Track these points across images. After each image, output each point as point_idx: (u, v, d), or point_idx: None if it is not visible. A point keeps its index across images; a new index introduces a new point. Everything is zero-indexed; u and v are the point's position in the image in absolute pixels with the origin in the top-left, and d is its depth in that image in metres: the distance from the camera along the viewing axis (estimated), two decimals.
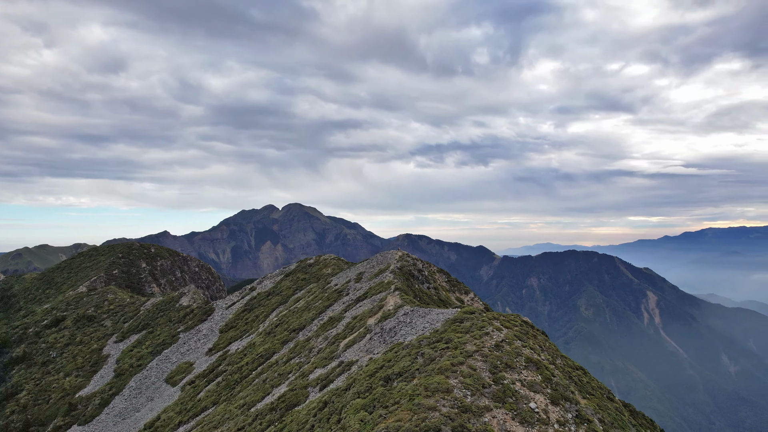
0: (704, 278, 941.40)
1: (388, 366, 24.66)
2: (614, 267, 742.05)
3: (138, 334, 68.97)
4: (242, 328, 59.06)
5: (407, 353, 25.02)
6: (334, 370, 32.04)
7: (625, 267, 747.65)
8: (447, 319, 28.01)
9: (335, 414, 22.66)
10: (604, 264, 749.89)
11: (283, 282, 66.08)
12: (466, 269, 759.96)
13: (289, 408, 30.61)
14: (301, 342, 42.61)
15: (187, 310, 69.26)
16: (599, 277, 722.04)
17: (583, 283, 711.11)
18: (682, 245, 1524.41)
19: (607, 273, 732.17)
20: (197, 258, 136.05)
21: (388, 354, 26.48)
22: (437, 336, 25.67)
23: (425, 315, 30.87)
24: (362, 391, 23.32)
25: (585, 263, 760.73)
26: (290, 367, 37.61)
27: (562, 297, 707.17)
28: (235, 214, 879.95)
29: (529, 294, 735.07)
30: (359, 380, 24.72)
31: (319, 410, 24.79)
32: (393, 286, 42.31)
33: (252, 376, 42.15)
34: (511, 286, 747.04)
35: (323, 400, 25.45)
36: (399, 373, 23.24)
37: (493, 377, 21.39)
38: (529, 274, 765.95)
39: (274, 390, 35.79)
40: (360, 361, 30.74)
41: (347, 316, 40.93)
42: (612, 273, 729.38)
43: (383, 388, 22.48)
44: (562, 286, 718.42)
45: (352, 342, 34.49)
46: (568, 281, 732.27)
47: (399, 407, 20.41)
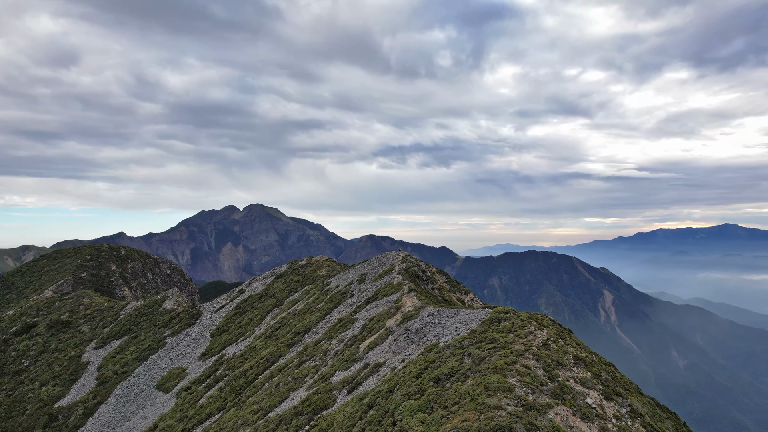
0: (655, 277, 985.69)
1: (434, 367, 24.73)
2: (572, 267, 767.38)
3: (120, 340, 66.19)
4: (236, 331, 57.66)
5: (451, 354, 25.17)
6: (360, 373, 31.83)
7: (583, 267, 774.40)
8: (482, 319, 28.34)
9: (387, 416, 22.53)
10: (562, 264, 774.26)
11: (276, 284, 64.92)
12: None
13: (316, 412, 30.19)
14: (310, 345, 42.04)
15: (173, 314, 67.00)
16: (558, 276, 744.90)
17: (542, 283, 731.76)
18: (635, 245, 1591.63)
19: (565, 273, 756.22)
20: (168, 260, 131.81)
21: (428, 355, 26.54)
22: (479, 336, 25.94)
23: (454, 315, 31.11)
24: (412, 392, 23.30)
25: (544, 263, 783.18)
26: (305, 370, 37.05)
27: (523, 296, 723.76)
28: (195, 214, 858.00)
29: (491, 294, 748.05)
30: (404, 382, 24.67)
31: (363, 413, 24.56)
32: (406, 287, 42.39)
33: (260, 380, 41.25)
34: (473, 286, 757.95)
35: (365, 403, 25.24)
36: (449, 374, 23.35)
37: (548, 375, 21.84)
38: (490, 274, 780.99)
39: (292, 394, 35.19)
40: (389, 363, 30.66)
41: (360, 317, 40.68)
42: (570, 273, 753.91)
43: (436, 389, 22.53)
44: (523, 286, 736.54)
45: (373, 344, 34.33)
46: (529, 281, 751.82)
47: (461, 407, 20.53)
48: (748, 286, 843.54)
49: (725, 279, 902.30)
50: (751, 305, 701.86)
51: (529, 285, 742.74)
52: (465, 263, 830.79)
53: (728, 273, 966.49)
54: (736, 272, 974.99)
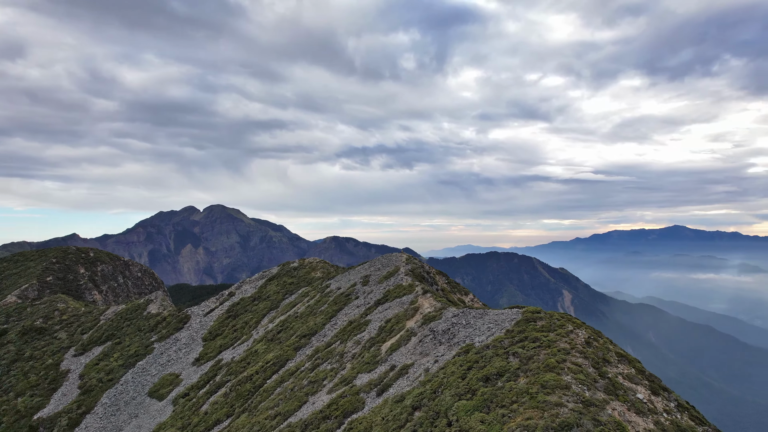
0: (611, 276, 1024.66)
1: (479, 367, 24.96)
2: (533, 267, 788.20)
3: (102, 346, 63.41)
4: (231, 335, 56.25)
5: (494, 353, 25.47)
6: (387, 375, 31.71)
7: (543, 267, 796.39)
8: (515, 319, 28.81)
9: (440, 417, 22.57)
10: (523, 265, 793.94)
11: (269, 286, 63.71)
12: None
13: (346, 415, 29.88)
14: (321, 347, 41.53)
15: (158, 318, 64.71)
16: (519, 277, 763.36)
17: (504, 283, 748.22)
18: (591, 246, 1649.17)
19: (526, 273, 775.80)
20: (139, 262, 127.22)
21: (468, 355, 26.75)
22: (518, 336, 26.36)
23: (482, 316, 31.46)
24: (462, 392, 23.44)
25: (506, 264, 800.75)
26: (323, 373, 36.58)
27: (485, 297, 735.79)
28: (153, 215, 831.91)
29: None
30: (450, 382, 24.78)
31: (409, 414, 24.51)
32: (419, 288, 42.51)
33: (269, 385, 40.42)
34: None
35: (408, 405, 25.19)
36: (498, 373, 23.63)
37: (598, 372, 22.44)
38: (453, 275, 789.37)
39: (311, 398, 34.67)
40: (418, 364, 30.70)
41: (374, 319, 40.50)
42: (531, 273, 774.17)
43: (488, 389, 22.76)
44: (485, 286, 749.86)
45: (396, 345, 34.27)
46: (491, 281, 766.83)
47: (521, 405, 20.83)
48: (695, 284, 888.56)
49: (675, 278, 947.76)
50: (698, 303, 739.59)
51: (492, 285, 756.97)
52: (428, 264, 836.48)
53: (677, 272, 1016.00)
54: (685, 271, 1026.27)
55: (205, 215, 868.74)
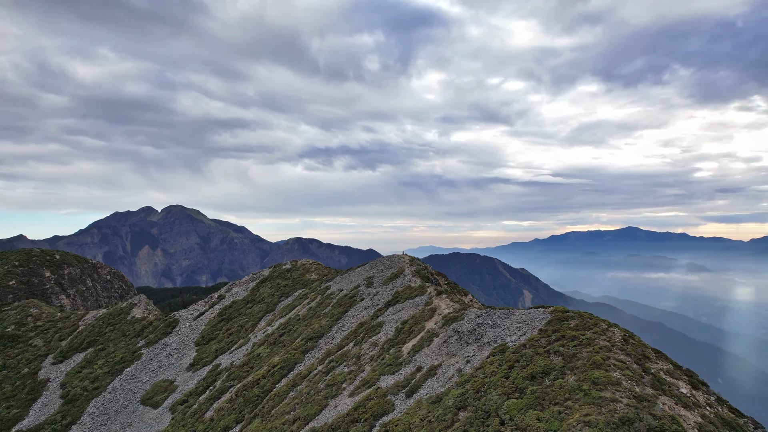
0: (569, 276, 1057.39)
1: (521, 366, 25.35)
2: (494, 268, 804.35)
3: (83, 353, 60.53)
4: (226, 339, 54.80)
5: (534, 352, 25.93)
6: (414, 376, 31.72)
7: (504, 268, 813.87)
8: (545, 319, 29.40)
9: (491, 416, 22.79)
10: (485, 265, 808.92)
11: (262, 289, 62.41)
12: None
13: (376, 418, 29.71)
14: (332, 350, 41.09)
15: (144, 323, 62.35)
16: (481, 277, 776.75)
17: (467, 284, 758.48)
18: (549, 247, 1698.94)
19: (488, 273, 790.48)
20: (108, 265, 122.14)
21: (506, 355, 27.11)
22: (554, 334, 26.92)
23: (508, 316, 31.95)
24: (510, 391, 23.75)
25: (468, 265, 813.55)
26: (341, 376, 36.20)
27: None
28: (108, 216, 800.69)
29: None
30: (494, 382, 25.04)
31: (454, 415, 24.62)
32: (432, 289, 42.68)
33: (279, 389, 39.67)
34: None
35: (451, 406, 25.30)
36: (544, 372, 24.08)
37: (642, 368, 23.21)
38: None
39: (332, 402, 34.26)
40: (447, 365, 30.85)
41: (388, 321, 40.38)
42: (492, 273, 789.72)
43: (537, 387, 23.15)
44: None
45: (418, 347, 34.31)
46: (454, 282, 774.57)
47: (576, 402, 21.30)
48: (647, 283, 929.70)
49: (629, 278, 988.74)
50: (651, 301, 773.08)
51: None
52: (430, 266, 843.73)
53: (631, 272, 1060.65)
54: (638, 271, 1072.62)
55: (164, 216, 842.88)
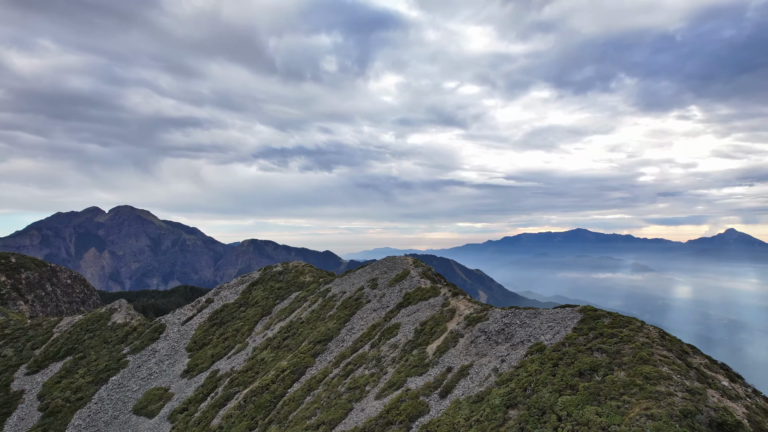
0: (522, 277, 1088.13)
1: (566, 363, 26.03)
2: (450, 269, 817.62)
3: (61, 362, 57.10)
4: (222, 344, 53.09)
5: (576, 350, 26.69)
6: (445, 376, 31.92)
7: (460, 269, 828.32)
8: (578, 317, 30.29)
9: (547, 413, 23.29)
10: (441, 266, 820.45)
11: (254, 292, 60.82)
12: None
13: (412, 419, 29.70)
14: (346, 353, 40.66)
15: (127, 329, 59.50)
16: None
17: None
18: (502, 248, 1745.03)
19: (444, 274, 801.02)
20: (68, 268, 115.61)
21: (546, 353, 27.74)
22: (592, 333, 27.81)
23: (536, 316, 32.68)
24: (561, 388, 24.36)
25: None
26: (363, 379, 35.91)
27: None
28: (49, 216, 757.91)
29: None
30: (542, 380, 25.58)
31: (503, 413, 24.98)
32: (447, 290, 43.01)
33: (293, 394, 38.88)
34: None
35: (498, 404, 25.66)
36: (592, 368, 24.84)
37: (684, 362, 24.36)
38: None
39: (356, 405, 33.94)
40: (479, 365, 31.22)
41: (404, 322, 40.37)
42: (448, 275, 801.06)
43: (588, 383, 23.86)
44: None
45: (443, 347, 34.54)
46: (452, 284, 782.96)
47: (632, 396, 22.12)
48: (596, 283, 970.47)
49: (578, 278, 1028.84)
50: (599, 300, 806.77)
51: None
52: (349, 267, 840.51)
53: (581, 272, 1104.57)
54: (587, 271, 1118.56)
55: (111, 217, 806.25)
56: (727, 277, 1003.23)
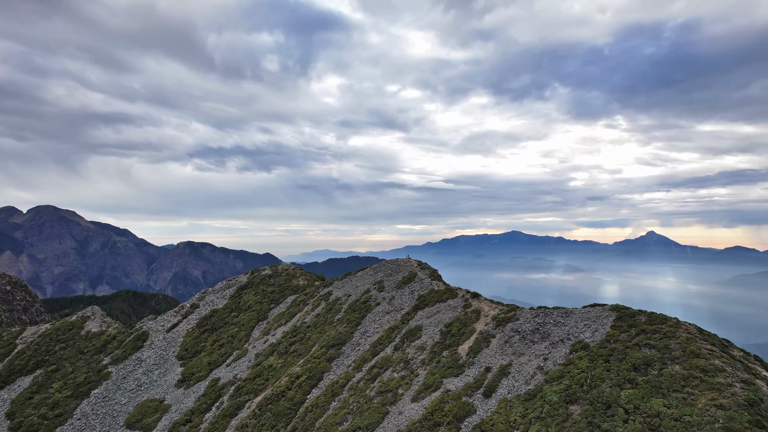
0: (460, 278, 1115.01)
1: (616, 359, 27.35)
2: None
3: (29, 376, 52.45)
4: (217, 351, 50.80)
5: (623, 346, 28.09)
6: (485, 376, 32.48)
7: None
8: (614, 315, 31.82)
9: (613, 406, 24.37)
10: None
11: (245, 296, 58.59)
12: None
13: (459, 420, 30.03)
14: (367, 356, 40.28)
15: (105, 338, 55.57)
16: None
17: None
18: (441, 250, 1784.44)
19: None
20: (6, 273, 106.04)
21: (592, 350, 28.95)
22: (633, 330, 29.37)
23: (568, 315, 33.95)
24: (621, 383, 25.58)
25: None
26: (393, 382, 35.76)
27: None
28: None
29: None
30: (598, 376, 26.71)
31: (565, 409, 25.84)
32: (465, 292, 43.58)
33: (317, 400, 38.04)
34: None
35: (560, 400, 26.51)
36: (646, 363, 26.26)
37: (729, 355, 26.32)
38: None
39: (391, 408, 33.78)
40: (520, 363, 32.02)
41: (426, 324, 40.54)
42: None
43: (647, 377, 25.23)
44: None
45: (476, 348, 35.09)
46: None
47: (695, 388, 23.66)
48: (530, 283, 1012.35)
49: (514, 278, 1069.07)
50: (533, 300, 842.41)
51: None
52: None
53: (516, 273, 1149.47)
54: (522, 272, 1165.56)
55: (31, 217, 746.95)
56: (648, 276, 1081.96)
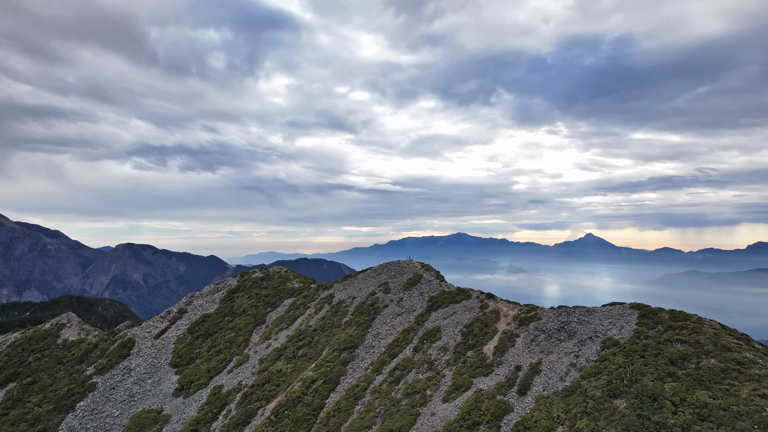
0: None
1: (651, 354, 28.81)
2: (341, 273, 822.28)
3: (3, 390, 48.33)
4: (215, 357, 48.79)
5: (655, 342, 29.64)
6: (517, 375, 33.23)
7: (349, 272, 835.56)
8: (637, 312, 33.43)
9: (659, 399, 25.68)
10: (332, 270, 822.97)
11: (237, 300, 56.54)
12: (197, 281, 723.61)
13: (498, 418, 30.60)
14: (385, 359, 40.09)
15: (86, 347, 52.08)
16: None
17: None
18: (388, 252, 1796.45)
19: (335, 278, 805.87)
20: None
21: (625, 345, 30.32)
22: (660, 327, 31.01)
23: (590, 313, 35.32)
24: (662, 376, 27.00)
25: (316, 270, 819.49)
26: (419, 383, 35.83)
27: None
28: None
29: None
30: (636, 370, 28.02)
31: (609, 403, 26.95)
32: (479, 293, 44.18)
33: (339, 404, 37.48)
34: None
35: (603, 395, 27.59)
36: (682, 357, 27.85)
37: (753, 348, 28.37)
38: None
39: (422, 409, 33.87)
40: (550, 361, 32.98)
41: (444, 325, 40.82)
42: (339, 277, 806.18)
43: (687, 371, 26.78)
44: None
45: (501, 348, 35.82)
46: None
47: (735, 380, 25.38)
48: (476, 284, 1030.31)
49: (460, 279, 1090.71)
50: None
51: None
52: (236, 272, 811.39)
53: (462, 274, 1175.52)
54: (467, 273, 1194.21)
55: None
56: (587, 276, 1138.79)
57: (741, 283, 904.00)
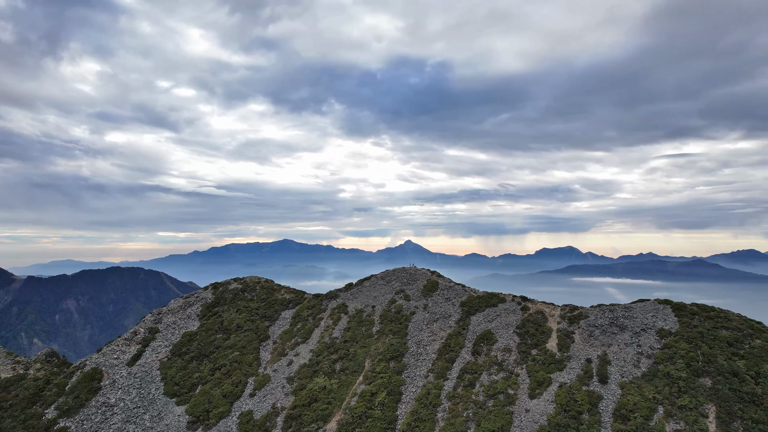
0: None
1: (709, 339, 35.45)
2: (161, 282, 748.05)
3: None
4: (225, 380, 42.42)
5: (705, 329, 36.45)
6: (589, 366, 37.23)
7: (171, 281, 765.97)
8: (668, 307, 40.15)
9: (740, 375, 32.13)
10: (150, 280, 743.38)
11: (226, 315, 49.23)
12: None
13: (594, 404, 34.30)
14: (442, 364, 40.45)
15: (36, 385, 40.54)
16: (146, 293, 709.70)
17: (129, 301, 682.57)
18: (210, 259, 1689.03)
19: (153, 288, 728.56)
20: None
21: (681, 333, 36.51)
22: (699, 317, 38.12)
23: (630, 309, 41.06)
24: (729, 356, 33.62)
25: (131, 280, 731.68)
26: (499, 384, 37.37)
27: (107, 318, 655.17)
28: None
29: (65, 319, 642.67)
30: (704, 353, 34.26)
31: (692, 383, 32.59)
32: (512, 296, 46.69)
33: (413, 414, 36.80)
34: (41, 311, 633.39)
35: (687, 376, 33.08)
36: (736, 340, 34.98)
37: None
38: (64, 296, 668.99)
39: (512, 408, 35.67)
40: (613, 352, 37.67)
41: (494, 327, 42.57)
42: (159, 288, 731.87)
43: (746, 351, 33.87)
44: (106, 306, 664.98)
45: (563, 344, 39.46)
46: (113, 300, 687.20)
47: None
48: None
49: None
50: None
51: (114, 305, 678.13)
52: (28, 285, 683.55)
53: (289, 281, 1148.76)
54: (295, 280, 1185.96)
55: None
56: None
57: (532, 283, 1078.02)
